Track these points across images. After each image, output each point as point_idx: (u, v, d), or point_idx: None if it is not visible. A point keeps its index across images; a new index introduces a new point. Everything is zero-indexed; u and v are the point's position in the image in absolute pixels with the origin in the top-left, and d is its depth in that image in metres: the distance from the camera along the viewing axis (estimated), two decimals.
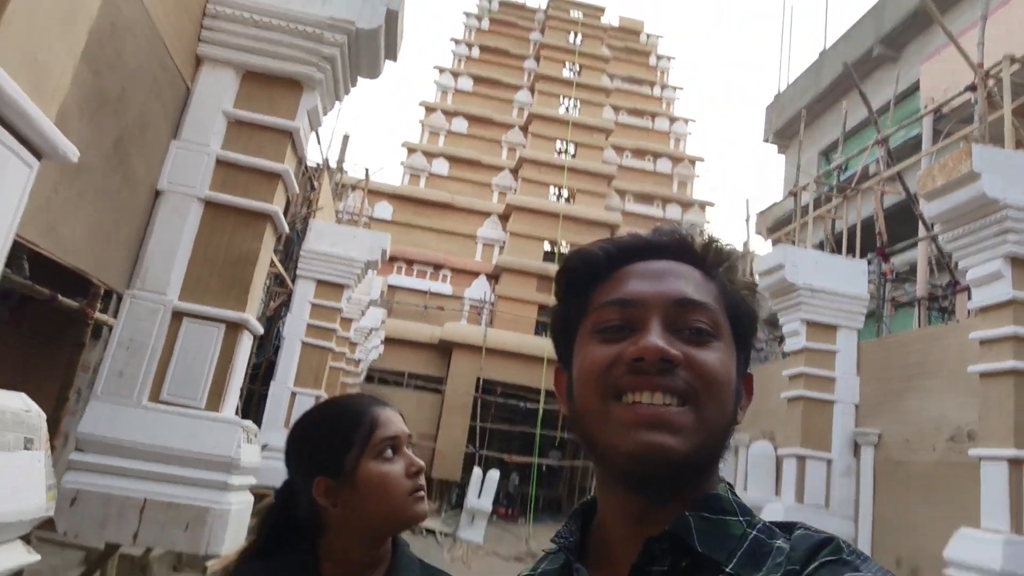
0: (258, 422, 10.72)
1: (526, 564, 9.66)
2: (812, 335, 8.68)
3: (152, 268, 4.47)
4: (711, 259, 0.79)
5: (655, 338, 0.70)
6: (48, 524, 4.02)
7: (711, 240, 0.80)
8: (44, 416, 2.35)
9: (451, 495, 20.20)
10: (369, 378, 20.91)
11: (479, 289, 24.30)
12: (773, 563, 0.66)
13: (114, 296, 5.06)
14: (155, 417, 4.28)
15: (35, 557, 2.30)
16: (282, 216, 4.89)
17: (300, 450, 1.25)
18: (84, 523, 4.04)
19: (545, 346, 21.38)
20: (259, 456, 4.73)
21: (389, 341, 20.27)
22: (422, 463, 1.25)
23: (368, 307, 13.62)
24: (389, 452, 1.22)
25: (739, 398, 0.76)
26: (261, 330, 5.06)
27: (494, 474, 15.22)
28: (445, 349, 21.73)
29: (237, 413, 9.11)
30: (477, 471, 15.44)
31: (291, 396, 10.51)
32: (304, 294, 10.76)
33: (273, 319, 11.91)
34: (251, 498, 4.65)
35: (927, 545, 6.68)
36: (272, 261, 10.24)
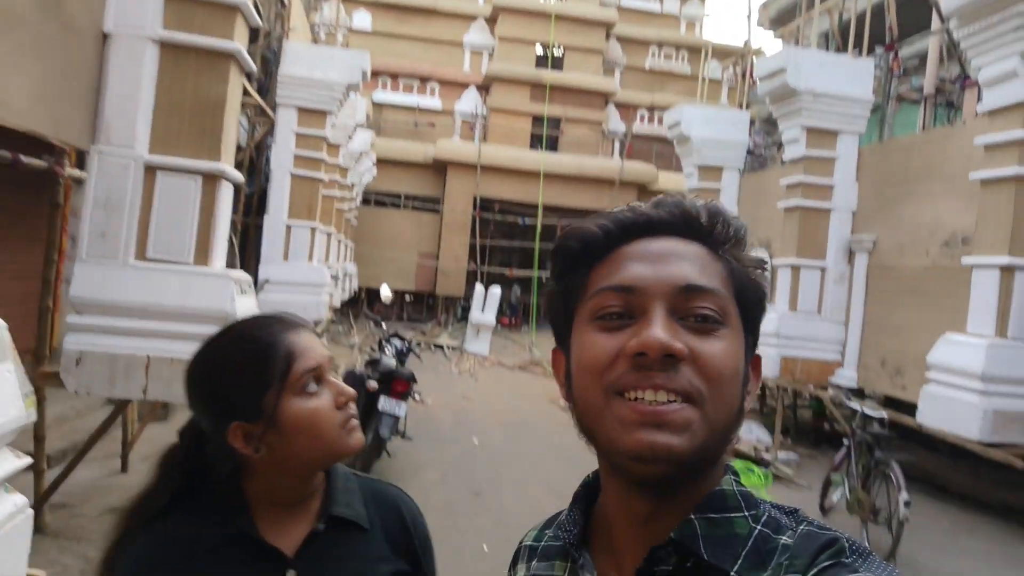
0: (256, 256, 10.82)
1: (530, 372, 10.10)
2: (812, 142, 8.44)
3: (114, 121, 4.22)
4: (718, 235, 0.72)
5: (658, 331, 0.65)
6: (58, 381, 4.18)
7: (717, 214, 0.73)
8: (6, 326, 2.29)
9: (456, 310, 20.92)
10: (365, 201, 20.84)
11: (470, 102, 23.40)
12: (777, 563, 0.65)
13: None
14: (145, 275, 4.26)
15: (25, 461, 2.35)
16: (246, 54, 4.55)
17: (205, 394, 1.08)
18: (93, 381, 4.16)
19: (541, 160, 21.05)
20: (254, 305, 4.76)
21: (381, 162, 19.90)
22: (351, 390, 1.11)
23: (355, 130, 13.19)
24: (313, 385, 1.07)
25: (747, 383, 0.72)
26: (241, 178, 4.90)
27: (496, 290, 15.61)
28: (440, 168, 21.41)
29: (236, 263, 9.17)
30: (479, 287, 15.82)
31: (286, 229, 10.48)
32: (287, 123, 10.36)
33: (260, 148, 11.60)
34: None
35: (912, 348, 6.96)
36: (247, 90, 9.74)
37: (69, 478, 4.99)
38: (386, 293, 8.23)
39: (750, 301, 0.72)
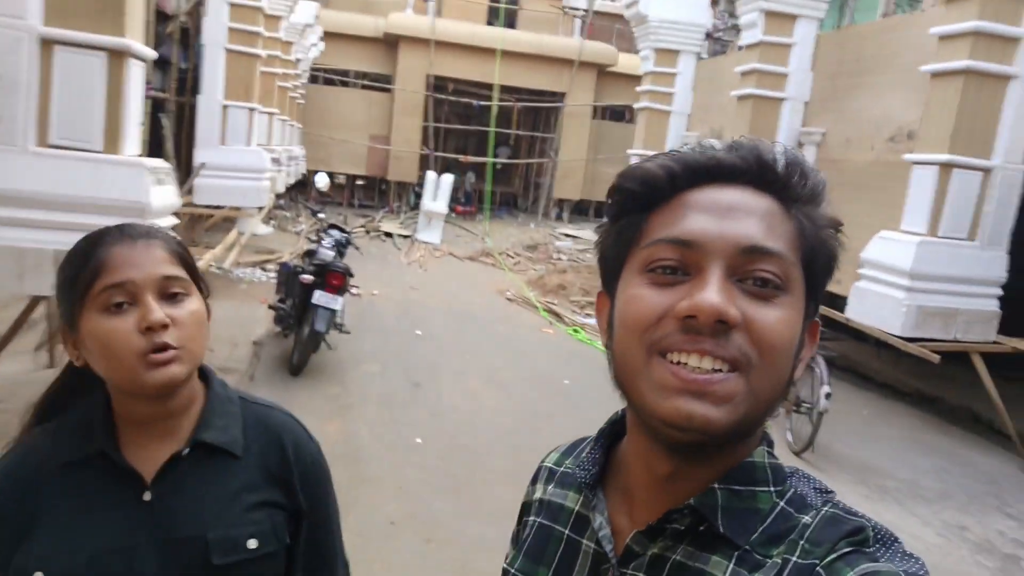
0: (192, 139, 10.29)
1: (481, 263, 10.07)
2: (770, 27, 8.16)
3: None
4: (793, 189, 0.67)
5: (713, 294, 0.61)
6: None
7: (796, 165, 0.67)
8: None
9: (409, 197, 20.53)
10: (313, 79, 19.84)
11: None
12: (792, 540, 0.63)
13: None
14: (50, 163, 3.98)
15: None
16: None
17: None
18: (2, 276, 3.96)
19: (499, 37, 20.14)
20: (175, 195, 4.52)
21: (329, 36, 18.80)
22: (162, 318, 0.97)
23: (297, 1, 12.31)
24: (118, 302, 0.97)
25: (800, 351, 0.67)
26: (153, 55, 4.52)
27: (448, 177, 15.30)
28: (391, 43, 20.34)
29: (170, 148, 8.65)
30: (431, 174, 15.47)
31: (222, 110, 9.91)
32: None
33: (196, 19, 10.77)
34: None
35: (852, 244, 7.01)
36: None
37: None
38: (323, 181, 7.95)
39: (817, 266, 0.67)
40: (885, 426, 6.36)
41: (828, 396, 5.13)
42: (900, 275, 5.76)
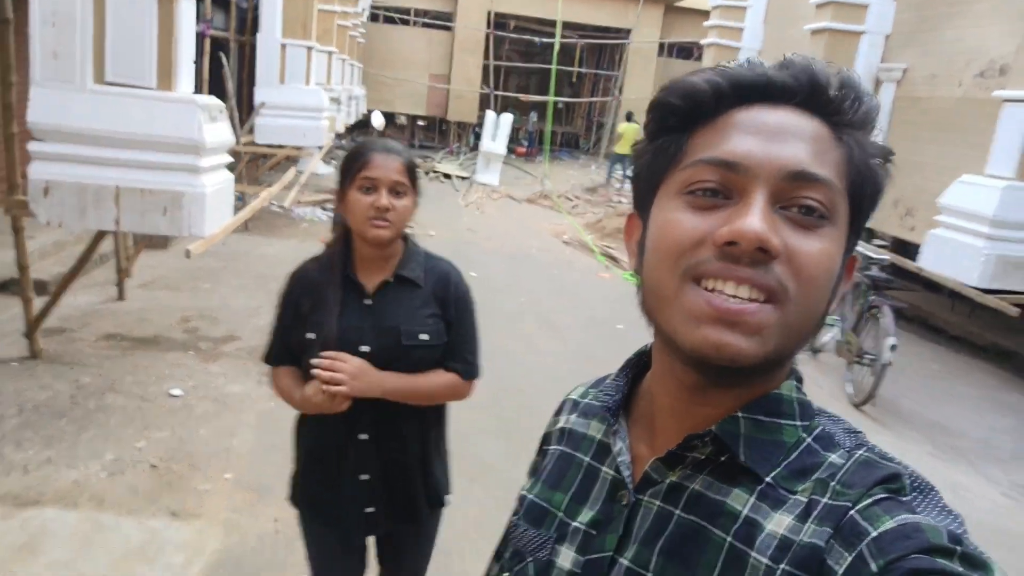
0: (253, 78, 10.35)
1: (539, 205, 9.91)
2: None
3: None
4: (845, 113, 0.63)
5: (756, 220, 0.58)
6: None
7: (850, 88, 0.62)
8: None
9: (468, 138, 20.35)
10: (374, 16, 19.67)
11: None
12: (819, 479, 0.60)
13: None
14: (105, 101, 4.02)
15: None
16: None
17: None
18: (64, 211, 4.06)
19: None
20: (229, 133, 4.53)
21: None
22: (386, 203, 1.64)
23: None
24: (368, 187, 1.66)
25: (838, 285, 0.64)
26: None
27: (507, 117, 15.02)
28: None
29: (231, 87, 8.71)
30: (491, 114, 15.22)
31: (281, 48, 9.91)
32: None
33: None
34: (229, 176, 4.58)
35: (930, 188, 6.60)
36: None
37: (67, 304, 5.08)
38: (379, 120, 7.94)
39: (864, 197, 0.63)
40: (957, 382, 6.06)
41: (893, 348, 4.89)
42: (981, 222, 5.38)
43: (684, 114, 0.64)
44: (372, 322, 1.70)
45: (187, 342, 4.92)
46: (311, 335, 1.68)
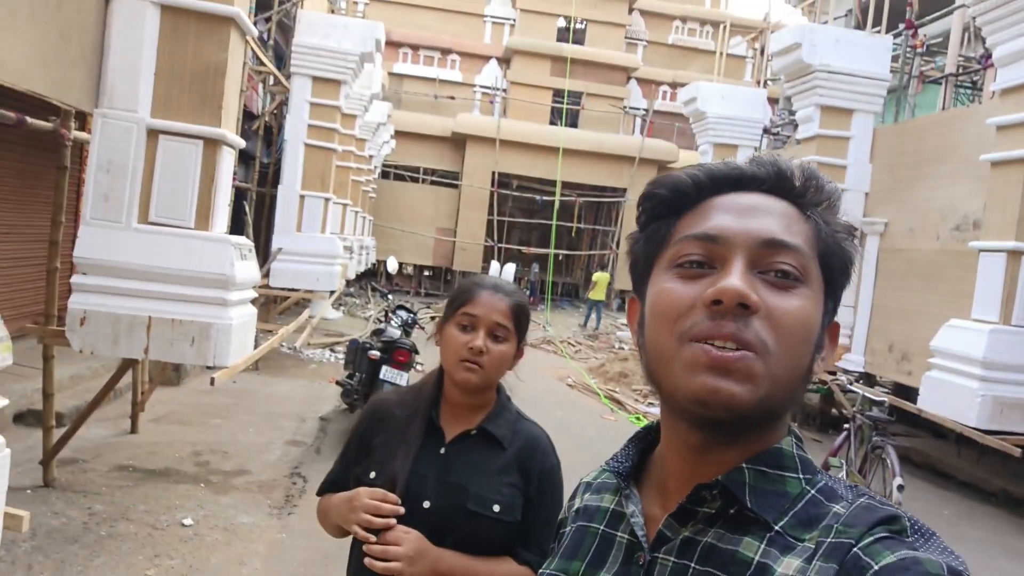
0: (270, 227, 10.93)
1: (542, 350, 10.07)
2: (826, 121, 8.31)
3: (117, 84, 4.28)
4: (809, 196, 0.72)
5: (735, 280, 0.65)
6: (65, 340, 4.29)
7: (811, 176, 0.73)
8: None
9: None
10: (384, 174, 20.88)
11: (490, 75, 23.26)
12: (826, 525, 0.64)
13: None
14: (147, 238, 4.33)
15: (2, 401, 2.43)
16: (246, 18, 4.57)
17: None
18: (97, 340, 4.26)
19: (560, 135, 20.91)
20: (256, 270, 4.83)
21: (400, 135, 19.91)
22: (480, 345, 1.49)
23: (371, 101, 13.20)
24: (466, 324, 1.52)
25: (820, 348, 0.71)
26: (242, 143, 4.95)
27: (510, 267, 15.66)
28: (459, 142, 21.37)
29: (249, 233, 9.22)
30: (495, 264, 15.88)
31: (300, 199, 10.56)
32: (301, 92, 10.39)
33: (279, 118, 11.65)
34: (253, 311, 4.82)
35: (920, 333, 6.88)
36: (262, 60, 9.79)
37: (82, 436, 5.15)
38: (392, 265, 8.34)
39: (835, 265, 0.71)
40: (969, 527, 5.98)
41: (900, 488, 4.90)
42: (973, 364, 5.58)
43: (670, 203, 0.74)
44: (440, 474, 1.49)
45: (198, 475, 4.94)
46: (373, 474, 1.51)
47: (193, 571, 3.53)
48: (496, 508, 1.46)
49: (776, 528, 0.65)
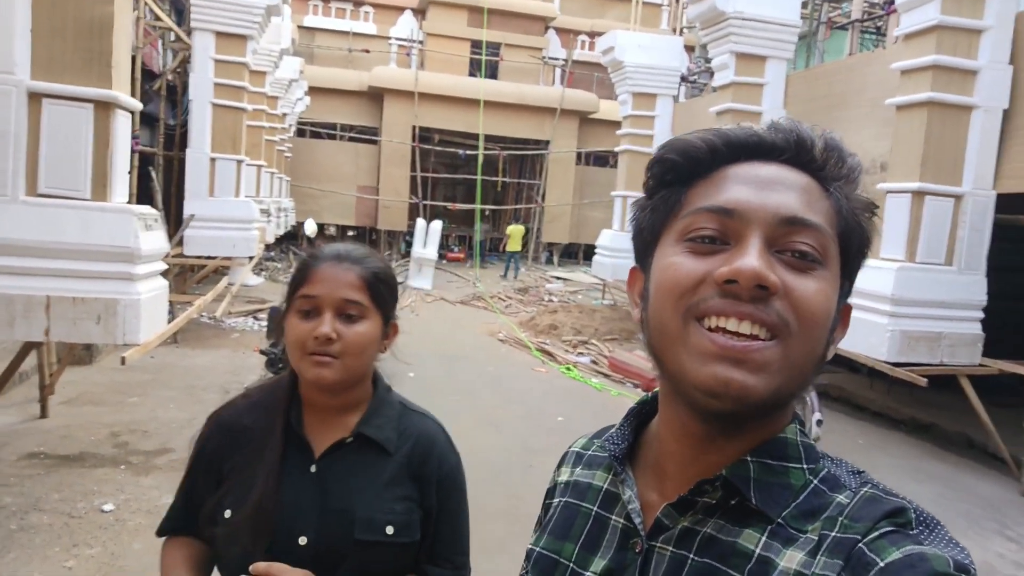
0: (181, 192, 10.39)
1: (472, 307, 10.05)
2: (741, 68, 8.42)
3: None
4: (830, 169, 0.67)
5: (753, 259, 0.61)
6: None
7: (833, 147, 0.68)
8: None
9: (399, 245, 20.67)
10: (300, 132, 20.15)
11: (406, 27, 22.57)
12: (828, 517, 0.62)
13: None
14: (39, 212, 4.02)
15: None
16: None
17: None
18: None
19: (480, 87, 20.58)
20: (164, 241, 4.57)
21: (315, 91, 19.18)
22: (327, 331, 1.16)
23: (281, 56, 12.60)
24: (308, 309, 1.19)
25: (834, 330, 0.67)
26: (139, 106, 4.62)
27: (437, 224, 15.43)
28: (376, 96, 20.76)
29: (159, 199, 8.74)
30: (421, 222, 15.61)
31: (211, 162, 10.04)
32: (204, 49, 9.76)
33: (181, 77, 10.99)
34: (164, 283, 4.57)
35: None
36: (158, 14, 9.17)
37: None
38: (311, 228, 8.07)
39: (853, 245, 0.68)
40: (881, 454, 6.36)
41: (820, 423, 5.14)
42: (883, 301, 5.84)
43: (682, 170, 0.68)
44: (315, 499, 1.19)
45: (117, 457, 4.72)
46: (228, 512, 1.18)
47: (115, 559, 3.39)
48: (390, 530, 1.18)
49: (778, 520, 0.63)
